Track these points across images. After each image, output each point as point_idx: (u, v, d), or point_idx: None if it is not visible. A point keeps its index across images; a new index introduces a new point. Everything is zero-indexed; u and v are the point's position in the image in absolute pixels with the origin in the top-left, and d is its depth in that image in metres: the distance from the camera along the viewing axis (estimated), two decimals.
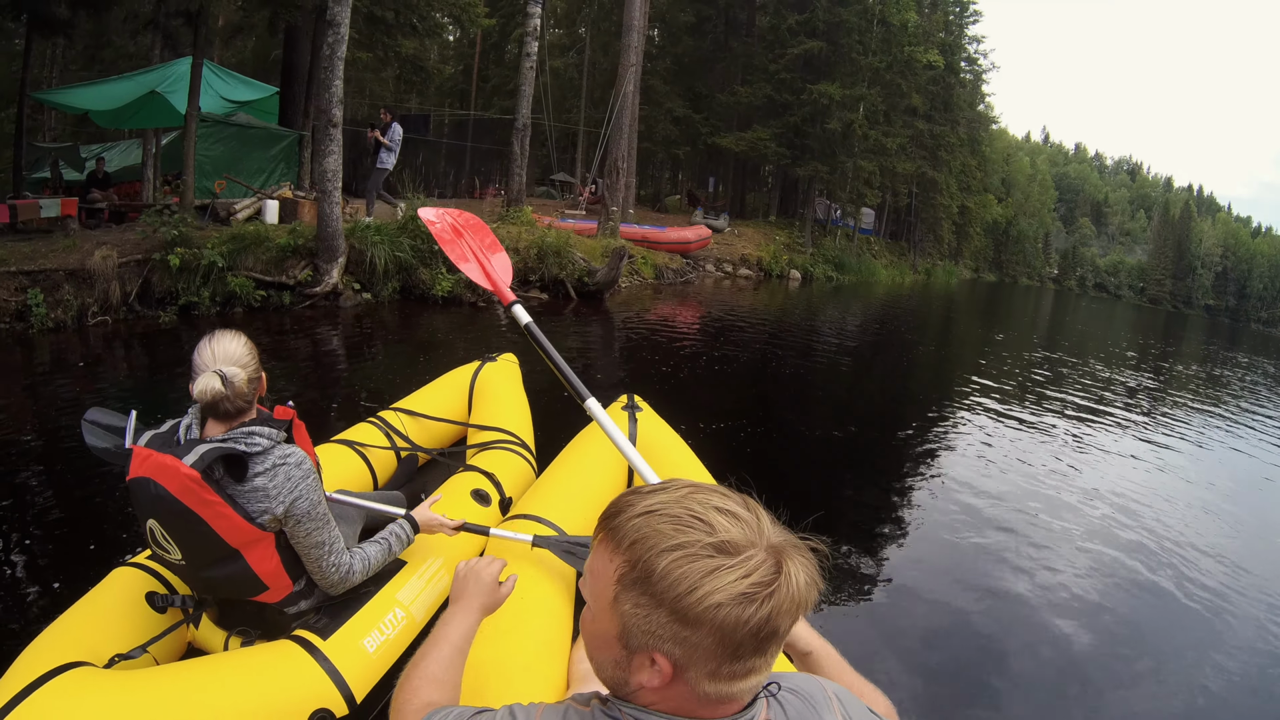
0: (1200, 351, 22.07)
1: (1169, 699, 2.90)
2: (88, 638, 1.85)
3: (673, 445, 3.23)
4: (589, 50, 24.76)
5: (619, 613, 0.75)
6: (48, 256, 7.87)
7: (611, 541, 0.76)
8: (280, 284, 8.54)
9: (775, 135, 23.80)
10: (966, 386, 8.88)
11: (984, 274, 56.00)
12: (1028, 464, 5.77)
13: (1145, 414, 8.97)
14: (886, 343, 12.92)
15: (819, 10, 23.69)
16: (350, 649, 1.96)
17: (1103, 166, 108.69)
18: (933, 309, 22.11)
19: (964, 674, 2.83)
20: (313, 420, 5.09)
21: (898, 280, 29.41)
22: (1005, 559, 3.87)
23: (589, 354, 8.07)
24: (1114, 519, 4.79)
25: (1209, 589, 3.89)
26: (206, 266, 8.04)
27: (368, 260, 8.77)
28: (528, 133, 12.98)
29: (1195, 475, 6.42)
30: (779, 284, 20.49)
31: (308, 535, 1.91)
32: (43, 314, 7.41)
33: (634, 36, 15.18)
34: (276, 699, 1.80)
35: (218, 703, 1.73)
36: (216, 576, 1.85)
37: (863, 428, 6.72)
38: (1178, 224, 77.36)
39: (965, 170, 36.14)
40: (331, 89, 8.33)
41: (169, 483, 1.73)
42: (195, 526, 1.77)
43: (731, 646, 0.70)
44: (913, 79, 26.63)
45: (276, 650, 1.91)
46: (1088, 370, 12.04)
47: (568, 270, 10.30)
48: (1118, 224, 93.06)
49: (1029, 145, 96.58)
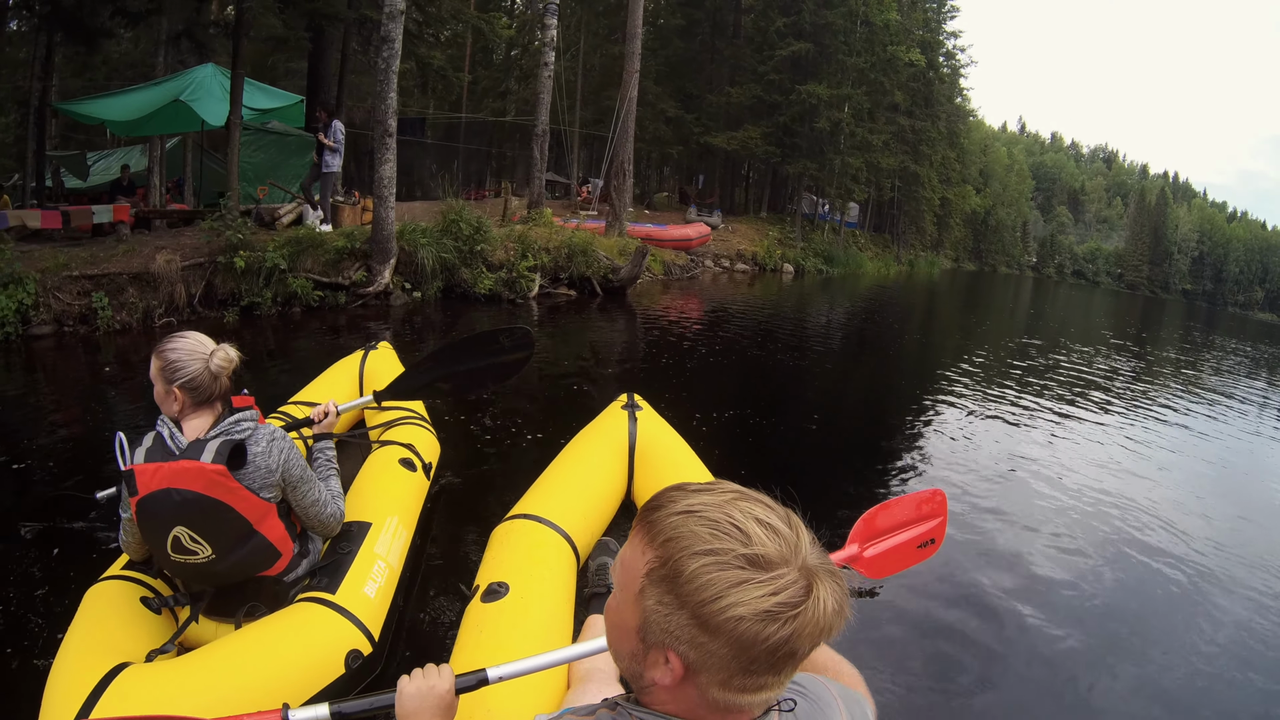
0: (1178, 335, 22.52)
1: (1163, 685, 2.87)
2: (113, 643, 1.94)
3: (672, 444, 3.28)
4: (582, 54, 25.53)
5: (642, 606, 0.75)
6: (109, 261, 8.21)
7: (647, 535, 0.76)
8: (336, 284, 9.17)
9: (765, 134, 24.72)
10: (952, 375, 9.01)
11: (964, 263, 57.08)
12: (1015, 451, 5.80)
13: (1129, 398, 8.96)
14: (876, 333, 13.43)
15: (806, 13, 24.58)
16: (357, 597, 2.21)
17: (1079, 155, 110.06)
18: (917, 299, 23.01)
19: (954, 666, 2.80)
20: None
21: (883, 272, 30.49)
22: (995, 546, 3.88)
23: (621, 346, 8.89)
24: (1103, 503, 4.78)
25: (1203, 573, 3.90)
26: (269, 269, 8.56)
27: (416, 261, 9.58)
28: (546, 138, 13.85)
29: (1183, 458, 6.44)
30: (773, 277, 21.48)
31: (304, 496, 2.15)
32: (109, 316, 7.69)
33: (636, 44, 15.98)
34: (315, 650, 2.04)
35: (267, 665, 1.94)
36: (241, 558, 2.02)
37: (858, 417, 6.93)
38: (1154, 210, 78.58)
39: (945, 163, 37.12)
40: (387, 101, 9.07)
41: (194, 484, 1.88)
42: (224, 515, 1.94)
43: (746, 660, 0.71)
44: (895, 76, 27.54)
45: (297, 612, 2.12)
46: (1069, 356, 12.19)
47: (593, 268, 11.18)
48: (1095, 211, 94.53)
49: (1006, 135, 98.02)
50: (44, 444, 4.27)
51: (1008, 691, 2.71)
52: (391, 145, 9.20)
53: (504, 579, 2.26)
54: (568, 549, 2.57)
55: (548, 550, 2.50)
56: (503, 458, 4.44)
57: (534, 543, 2.52)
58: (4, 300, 7.12)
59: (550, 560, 2.45)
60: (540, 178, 13.75)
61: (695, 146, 27.10)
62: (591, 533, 2.82)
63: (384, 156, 9.19)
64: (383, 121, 9.20)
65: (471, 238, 10.02)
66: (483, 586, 2.26)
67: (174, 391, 1.93)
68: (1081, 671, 2.86)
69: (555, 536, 2.58)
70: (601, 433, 3.26)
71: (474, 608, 2.21)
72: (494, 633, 2.06)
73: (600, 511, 2.93)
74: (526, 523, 2.62)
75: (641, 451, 3.16)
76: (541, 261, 10.75)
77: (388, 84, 9.09)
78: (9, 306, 7.16)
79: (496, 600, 2.18)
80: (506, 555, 2.45)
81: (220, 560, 1.97)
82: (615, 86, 23.41)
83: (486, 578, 2.32)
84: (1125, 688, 2.82)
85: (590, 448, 3.16)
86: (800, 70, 24.97)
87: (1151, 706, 2.74)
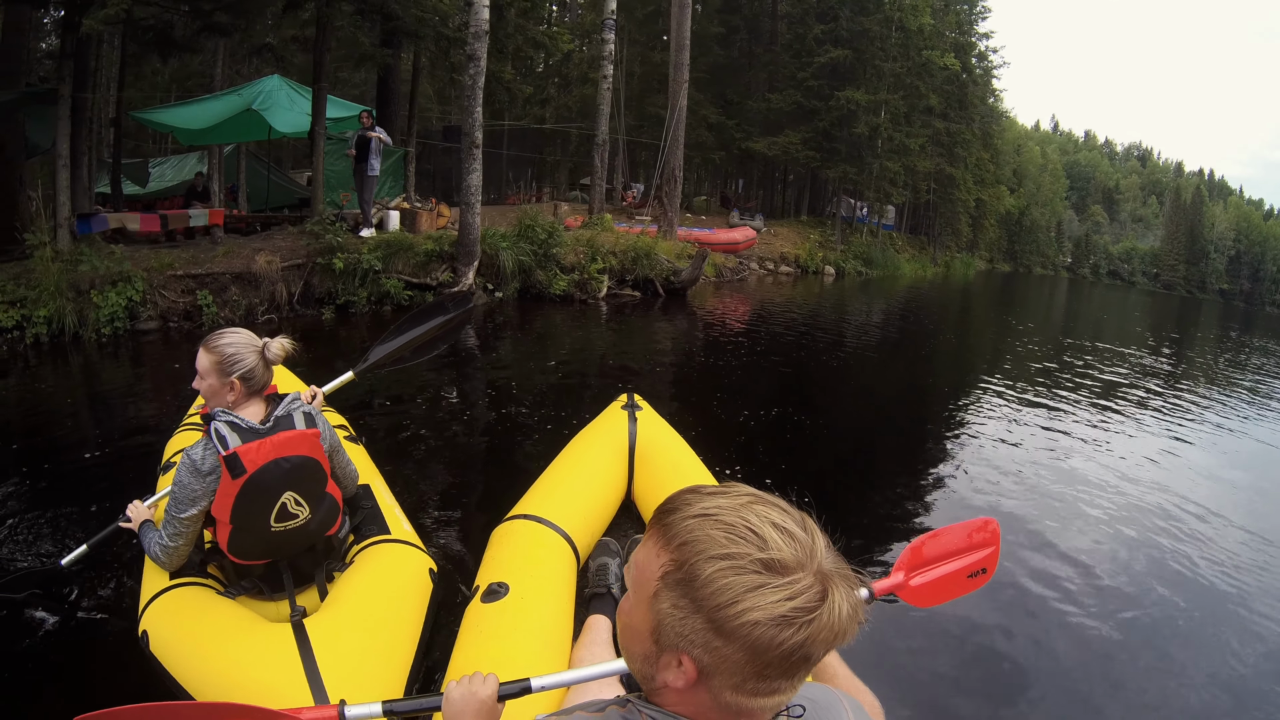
0: (1216, 336, 22.05)
1: (1197, 694, 2.76)
2: (260, 611, 2.24)
3: (672, 445, 3.28)
4: (625, 61, 26.20)
5: (656, 609, 0.75)
6: (211, 261, 8.73)
7: (662, 538, 0.76)
8: (424, 285, 9.85)
9: (805, 139, 25.19)
10: (989, 380, 8.90)
11: (998, 264, 56.63)
12: (1051, 454, 5.62)
13: (1175, 404, 8.57)
14: (913, 334, 13.60)
15: (843, 20, 25.07)
16: (406, 533, 2.60)
17: (1113, 153, 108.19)
18: (953, 300, 23.25)
19: (983, 677, 2.71)
20: (486, 401, 5.84)
21: (920, 273, 30.71)
22: (1027, 553, 3.76)
23: (684, 342, 9.45)
24: (1142, 509, 4.61)
25: (1245, 582, 3.73)
26: (364, 270, 9.23)
27: (497, 263, 10.27)
28: (606, 148, 14.54)
29: (1225, 463, 6.18)
30: (815, 279, 21.95)
31: (341, 457, 2.37)
32: (214, 313, 8.24)
33: (685, 54, 16.57)
34: (409, 575, 2.38)
35: (393, 596, 2.26)
36: (322, 517, 2.23)
37: (892, 416, 6.87)
38: (1189, 209, 76.98)
39: (979, 164, 37.08)
40: (474, 115, 9.71)
41: (299, 449, 2.10)
42: (318, 475, 2.18)
43: (760, 665, 0.71)
44: (930, 80, 27.84)
45: (376, 555, 2.42)
46: (1108, 359, 12.04)
47: (656, 270, 11.83)
48: (1129, 210, 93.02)
49: (1039, 134, 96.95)
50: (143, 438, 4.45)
51: (1052, 701, 2.61)
52: (478, 156, 9.87)
53: (504, 579, 2.30)
54: (568, 549, 2.60)
55: (548, 550, 2.53)
56: (503, 458, 4.53)
57: (534, 543, 2.56)
58: (114, 297, 7.62)
59: (550, 560, 2.48)
60: (602, 185, 14.42)
61: (736, 152, 27.57)
62: (591, 533, 2.83)
63: (471, 166, 9.86)
64: (470, 134, 9.84)
65: (545, 241, 10.71)
66: (483, 587, 2.30)
67: (231, 383, 2.05)
68: (1126, 683, 2.76)
69: (555, 537, 2.61)
70: (601, 433, 3.28)
71: (474, 608, 2.24)
72: (494, 633, 2.09)
73: (600, 512, 2.96)
74: (526, 523, 2.65)
75: (641, 452, 3.17)
76: (609, 264, 11.41)
77: (474, 99, 9.74)
78: (119, 303, 7.67)
79: (496, 600, 2.21)
80: (506, 555, 2.48)
81: (313, 520, 2.17)
82: (655, 93, 24.19)
83: (486, 578, 2.36)
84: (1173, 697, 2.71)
85: (590, 448, 3.18)
86: (838, 76, 25.41)
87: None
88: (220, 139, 13.80)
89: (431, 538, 3.16)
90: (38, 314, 7.26)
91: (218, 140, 13.93)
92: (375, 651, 2.05)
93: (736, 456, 4.64)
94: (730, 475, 4.21)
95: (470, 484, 4.11)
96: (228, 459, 1.96)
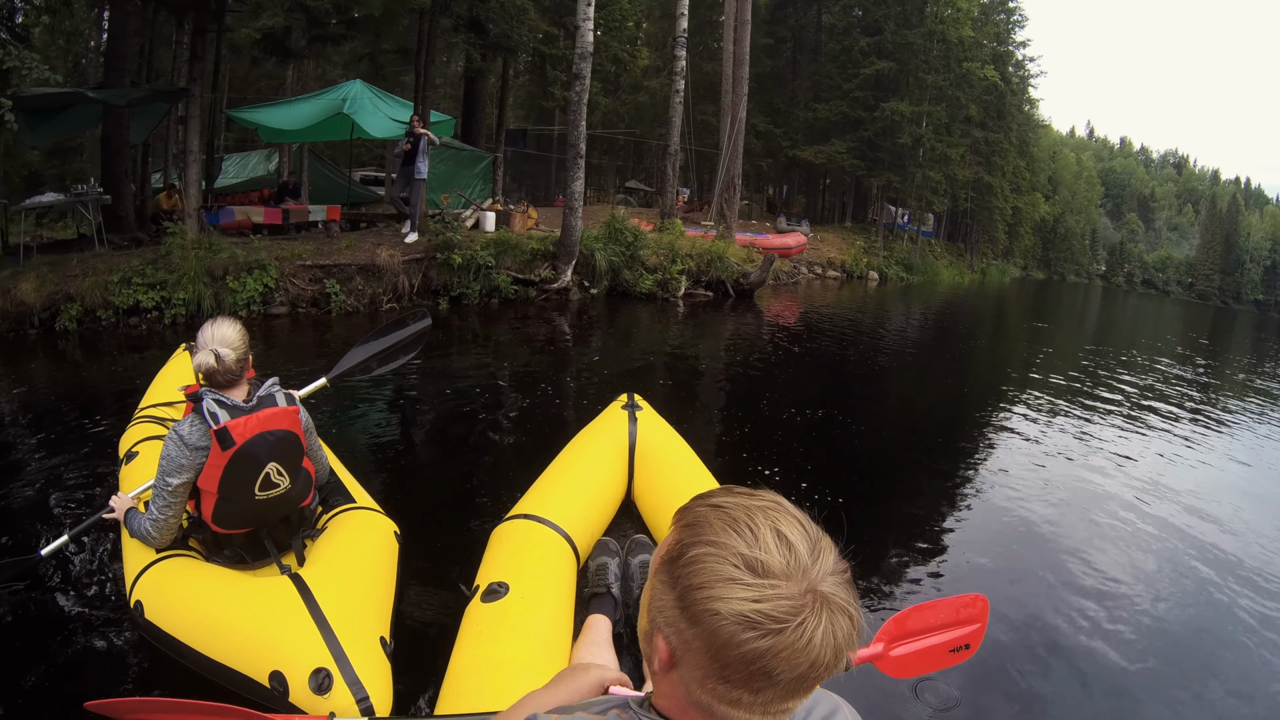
0: (1252, 348, 21.23)
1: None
2: (257, 569, 2.43)
3: (672, 445, 3.28)
4: (687, 72, 27.23)
5: (653, 584, 0.77)
6: (337, 253, 9.37)
7: (678, 521, 0.77)
8: (528, 280, 10.88)
9: (850, 148, 26.16)
10: (1018, 385, 8.86)
11: (1032, 271, 56.56)
12: (1085, 465, 5.43)
13: (1203, 414, 8.27)
14: (950, 337, 13.85)
15: (888, 33, 25.97)
16: (371, 503, 2.80)
17: (1149, 160, 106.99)
18: (989, 306, 23.82)
19: (1014, 685, 2.63)
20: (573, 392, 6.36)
21: (957, 280, 31.36)
22: (1055, 568, 3.62)
23: (752, 338, 10.39)
24: (1172, 525, 4.39)
25: None
26: (477, 265, 10.21)
27: (592, 262, 11.41)
28: (677, 158, 15.64)
29: (1263, 480, 5.86)
30: (859, 284, 22.89)
31: (317, 447, 2.56)
32: (341, 300, 8.92)
33: (744, 69, 17.60)
34: (377, 535, 2.57)
35: (366, 552, 2.45)
36: (299, 488, 2.41)
37: (918, 428, 6.65)
38: (1225, 218, 76.06)
39: (1016, 172, 37.48)
40: (579, 128, 10.79)
41: (282, 424, 2.28)
42: (297, 448, 2.36)
43: (721, 664, 0.69)
44: (969, 91, 28.59)
45: (347, 521, 2.61)
46: (1140, 366, 11.89)
47: (727, 272, 12.97)
48: (1165, 219, 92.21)
49: (1074, 141, 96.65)
50: None
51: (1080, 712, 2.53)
52: (581, 165, 10.94)
53: (504, 579, 2.32)
54: (568, 549, 2.61)
55: (548, 550, 2.54)
56: (503, 458, 4.55)
57: (534, 543, 2.57)
58: (251, 283, 8.45)
59: (550, 560, 2.49)
60: (672, 192, 15.47)
61: (783, 160, 28.56)
62: (591, 533, 2.84)
63: (575, 174, 10.91)
64: (574, 145, 10.91)
65: (632, 244, 11.89)
66: (483, 586, 2.32)
67: (227, 368, 2.26)
68: (1151, 700, 2.66)
69: (555, 536, 2.62)
70: (601, 433, 3.28)
71: (474, 608, 2.26)
72: (494, 633, 2.10)
73: (600, 512, 2.96)
74: (526, 523, 2.66)
75: (641, 451, 3.17)
76: (687, 266, 12.57)
77: (579, 114, 10.81)
78: (255, 288, 8.42)
79: (496, 600, 2.22)
80: (506, 555, 2.49)
81: (293, 489, 2.37)
82: (704, 101, 25.19)
83: (486, 578, 2.37)
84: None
85: (590, 448, 3.18)
86: (882, 87, 26.30)
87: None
88: (311, 138, 14.66)
89: (431, 536, 3.20)
90: (177, 296, 7.89)
91: (304, 139, 14.79)
92: (364, 599, 2.23)
93: (757, 459, 4.68)
94: (731, 476, 4.07)
95: (475, 483, 4.14)
96: (218, 433, 2.15)
